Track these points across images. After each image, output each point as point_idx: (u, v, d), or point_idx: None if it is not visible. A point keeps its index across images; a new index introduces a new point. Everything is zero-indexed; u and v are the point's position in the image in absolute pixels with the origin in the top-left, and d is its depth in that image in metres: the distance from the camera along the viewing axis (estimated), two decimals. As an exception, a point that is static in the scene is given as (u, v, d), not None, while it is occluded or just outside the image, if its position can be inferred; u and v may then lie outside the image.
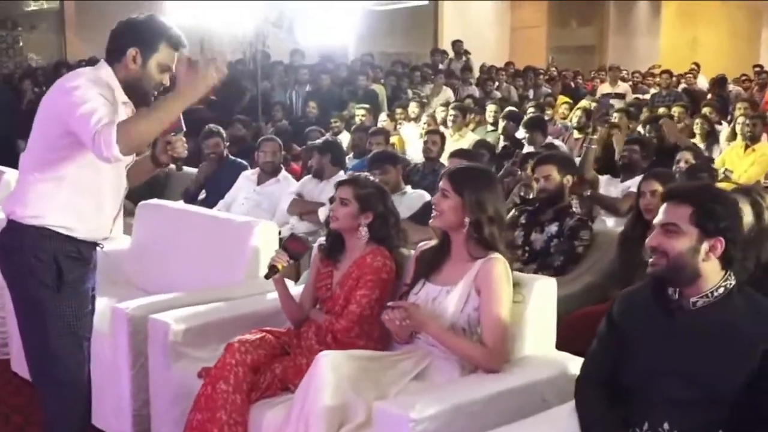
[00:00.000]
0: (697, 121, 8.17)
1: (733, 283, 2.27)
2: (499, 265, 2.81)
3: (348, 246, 3.32)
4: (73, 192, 2.83)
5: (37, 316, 2.86)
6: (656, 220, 2.31)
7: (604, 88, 13.17)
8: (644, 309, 2.31)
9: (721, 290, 2.25)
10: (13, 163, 6.67)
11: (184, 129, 2.96)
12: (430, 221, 2.97)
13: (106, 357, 3.66)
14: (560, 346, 3.04)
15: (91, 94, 2.68)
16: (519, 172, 5.61)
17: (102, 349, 3.68)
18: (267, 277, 3.29)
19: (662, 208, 2.31)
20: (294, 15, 9.22)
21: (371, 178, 3.44)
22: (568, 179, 4.47)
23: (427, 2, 16.38)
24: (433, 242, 3.04)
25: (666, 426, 2.21)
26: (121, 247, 4.83)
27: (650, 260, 2.28)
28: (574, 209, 4.47)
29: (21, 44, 11.48)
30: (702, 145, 7.78)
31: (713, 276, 2.24)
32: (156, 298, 3.66)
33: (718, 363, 2.18)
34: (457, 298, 2.83)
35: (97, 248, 3.03)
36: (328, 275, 3.34)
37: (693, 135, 8.13)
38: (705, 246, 2.21)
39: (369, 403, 2.64)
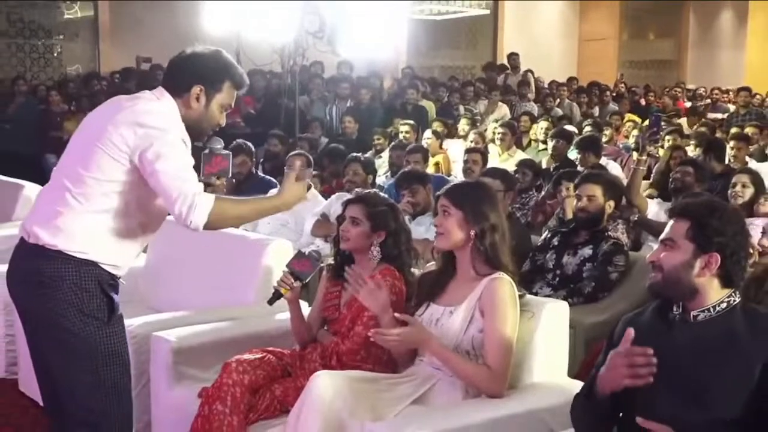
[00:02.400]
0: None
1: (738, 300, 2.37)
2: (504, 284, 2.94)
3: (358, 266, 3.44)
4: (121, 230, 2.82)
5: (83, 350, 2.80)
6: (660, 237, 2.44)
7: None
8: (644, 326, 2.41)
9: (724, 305, 2.36)
10: (39, 179, 7.04)
11: (230, 175, 3.09)
12: (435, 243, 3.10)
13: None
14: (584, 375, 3.12)
15: (180, 148, 2.74)
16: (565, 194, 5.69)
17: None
18: (270, 302, 3.39)
19: (668, 224, 2.44)
20: (336, 25, 9.38)
21: (382, 194, 3.57)
22: (611, 205, 4.56)
23: (487, 12, 16.50)
24: (434, 264, 3.19)
25: None
26: (136, 264, 5.06)
27: (650, 275, 2.40)
28: (610, 233, 4.55)
29: (56, 54, 11.91)
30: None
31: (713, 292, 2.36)
32: (161, 316, 3.86)
33: (717, 378, 2.27)
34: (460, 319, 2.95)
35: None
36: (336, 295, 3.48)
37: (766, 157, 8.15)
38: (700, 261, 2.33)
39: (364, 425, 2.77)
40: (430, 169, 7.57)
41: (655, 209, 5.75)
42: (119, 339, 2.91)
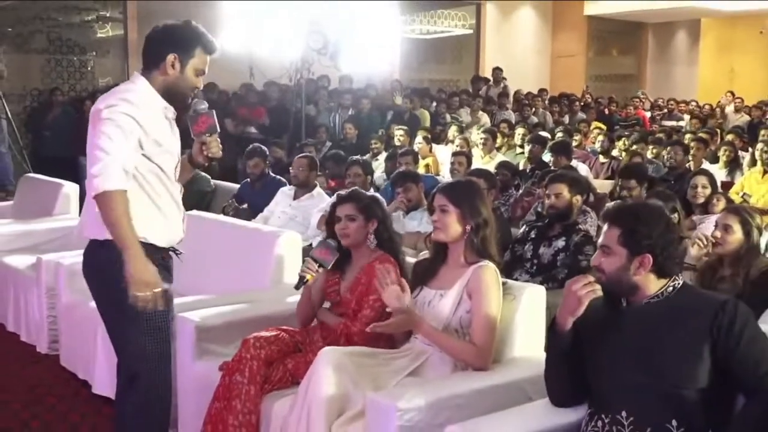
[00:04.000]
0: (723, 147, 8.19)
1: (681, 282, 2.40)
2: (489, 271, 2.95)
3: (354, 257, 3.45)
4: (139, 202, 2.82)
5: (134, 318, 2.83)
6: (598, 241, 2.46)
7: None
8: (598, 311, 2.43)
9: (670, 289, 2.39)
10: (74, 178, 7.04)
11: (218, 130, 3.03)
12: (434, 236, 3.08)
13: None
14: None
15: (123, 123, 2.73)
16: (537, 192, 5.72)
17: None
18: (297, 287, 3.37)
19: (603, 228, 2.45)
20: (339, 43, 9.40)
21: (360, 189, 3.59)
22: (578, 199, 4.58)
23: (471, 31, 16.54)
24: (428, 252, 3.20)
25: (624, 413, 2.31)
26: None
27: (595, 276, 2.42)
28: (580, 226, 4.57)
29: (89, 68, 11.90)
30: (724, 171, 7.82)
31: (652, 285, 2.39)
32: (186, 299, 3.86)
33: (666, 348, 2.29)
34: (450, 302, 2.97)
35: (175, 255, 3.09)
36: (335, 282, 3.47)
37: (717, 160, 8.17)
38: (635, 263, 2.36)
39: (366, 394, 2.79)
40: (421, 170, 7.58)
41: None
42: (163, 313, 2.92)
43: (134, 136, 2.77)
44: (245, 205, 6.48)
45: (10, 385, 4.50)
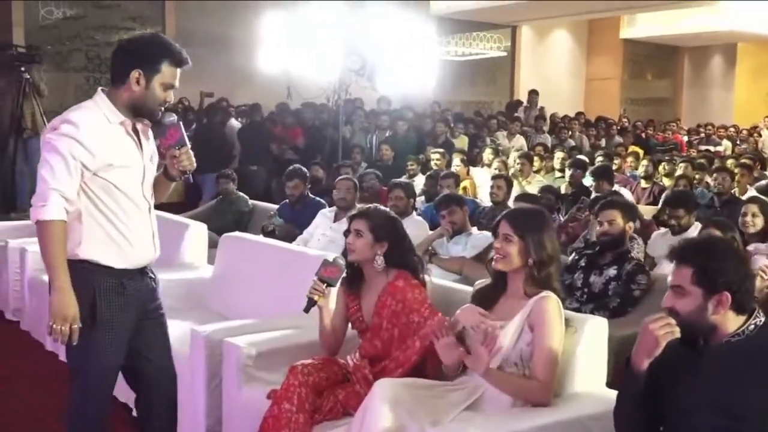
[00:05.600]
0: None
1: (763, 319, 2.27)
2: (552, 302, 2.84)
3: (366, 276, 3.34)
4: (101, 228, 2.78)
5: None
6: (668, 281, 2.34)
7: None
8: (673, 357, 2.30)
9: (752, 327, 2.26)
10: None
11: (188, 143, 2.90)
12: (494, 264, 2.97)
13: (184, 376, 3.77)
14: (618, 381, 3.02)
15: (63, 147, 2.68)
16: (583, 217, 5.61)
17: (180, 368, 3.82)
18: (306, 310, 3.26)
19: (671, 268, 2.33)
20: (376, 64, 9.36)
21: (382, 208, 3.44)
22: (630, 226, 4.46)
23: (505, 54, 16.49)
24: (488, 281, 3.08)
25: None
26: (204, 275, 5.03)
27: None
28: (633, 254, 4.44)
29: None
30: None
31: (731, 323, 2.26)
32: (232, 323, 3.79)
33: (750, 390, 2.17)
34: (511, 334, 2.85)
35: (149, 276, 2.99)
36: (357, 308, 3.35)
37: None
38: (712, 303, 2.23)
39: (423, 429, 2.68)
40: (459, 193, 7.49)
41: (659, 240, 5.56)
42: (104, 344, 2.84)
43: (76, 160, 2.70)
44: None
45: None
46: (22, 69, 8.56)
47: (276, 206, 7.14)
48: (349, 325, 3.43)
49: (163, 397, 3.11)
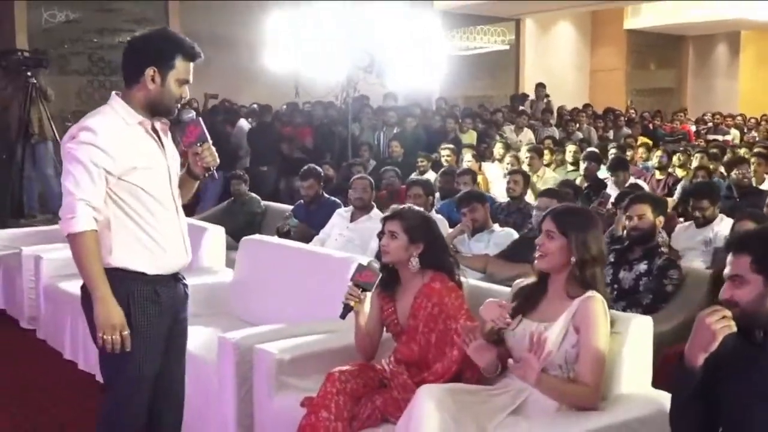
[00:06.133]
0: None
1: None
2: (597, 303, 2.76)
3: (402, 278, 3.26)
4: (131, 234, 2.72)
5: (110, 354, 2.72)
6: (724, 272, 2.26)
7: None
8: (729, 353, 2.22)
9: None
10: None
11: (209, 138, 2.84)
12: (536, 263, 2.89)
13: (212, 384, 3.71)
14: (659, 381, 2.95)
15: (84, 156, 2.62)
16: (605, 212, 5.52)
17: (208, 376, 3.75)
18: (342, 316, 3.17)
19: (728, 259, 2.27)
20: (384, 61, 9.28)
21: (416, 208, 3.35)
22: (661, 220, 4.38)
23: (507, 47, 16.41)
24: (531, 280, 3.00)
25: None
26: (224, 279, 4.96)
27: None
28: (663, 249, 4.36)
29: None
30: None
31: None
32: (261, 329, 3.71)
33: None
34: (555, 335, 2.77)
35: (182, 282, 2.93)
36: (392, 311, 3.27)
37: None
38: None
39: (469, 435, 2.61)
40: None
41: (683, 233, 5.49)
42: (139, 352, 2.75)
43: (98, 168, 2.64)
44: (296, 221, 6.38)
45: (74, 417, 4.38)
46: (29, 74, 8.47)
47: (286, 206, 7.07)
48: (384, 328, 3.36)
49: (170, 401, 3.03)
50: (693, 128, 14.36)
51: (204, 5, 11.82)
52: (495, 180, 8.86)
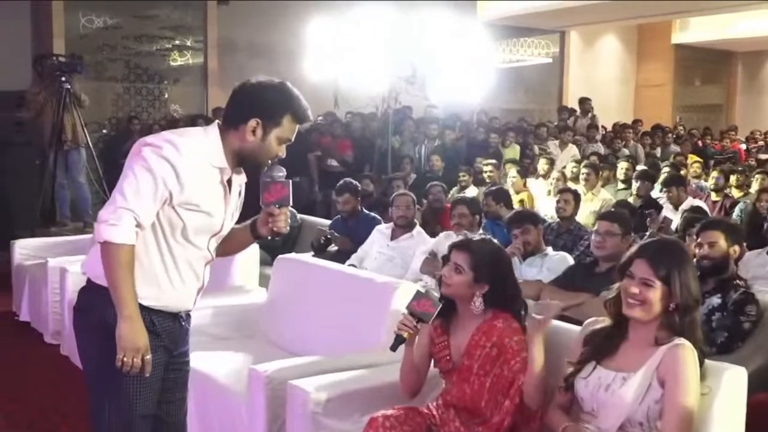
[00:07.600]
0: None
1: None
2: (687, 352, 2.38)
3: (461, 310, 2.90)
4: (149, 260, 2.50)
5: (98, 377, 2.51)
6: None
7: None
8: None
9: None
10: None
11: (291, 203, 2.58)
12: (629, 311, 2.48)
13: (240, 417, 3.42)
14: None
15: (146, 179, 2.38)
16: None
17: (237, 408, 3.45)
18: (393, 348, 2.84)
19: None
20: (426, 72, 8.97)
21: (489, 239, 2.98)
22: (735, 250, 3.98)
23: (550, 60, 16.02)
24: (606, 321, 2.62)
25: None
26: (257, 300, 4.65)
27: None
28: (739, 282, 3.95)
29: (167, 97, 11.72)
30: None
31: None
32: (296, 362, 3.38)
33: None
34: (636, 387, 2.40)
35: (183, 318, 2.66)
36: (444, 345, 2.91)
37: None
38: None
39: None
40: (516, 206, 7.02)
41: (754, 260, 5.04)
42: (132, 382, 2.48)
43: (166, 188, 2.41)
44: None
45: None
46: (63, 79, 8.27)
47: (323, 220, 6.77)
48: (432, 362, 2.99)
49: None
50: (743, 146, 13.81)
51: (242, 13, 11.58)
52: (540, 197, 8.49)
